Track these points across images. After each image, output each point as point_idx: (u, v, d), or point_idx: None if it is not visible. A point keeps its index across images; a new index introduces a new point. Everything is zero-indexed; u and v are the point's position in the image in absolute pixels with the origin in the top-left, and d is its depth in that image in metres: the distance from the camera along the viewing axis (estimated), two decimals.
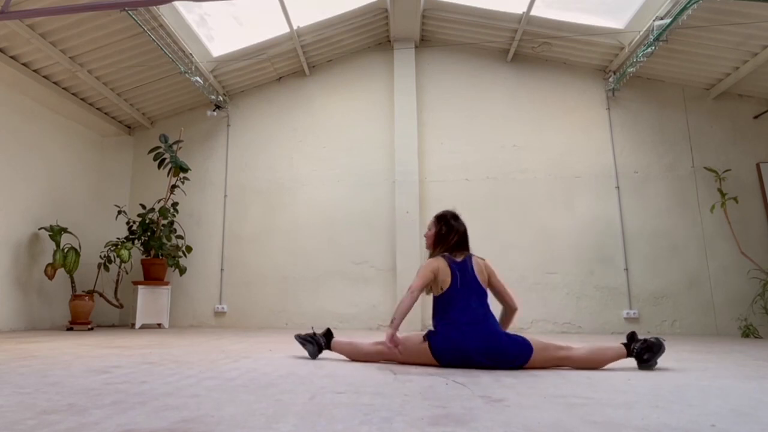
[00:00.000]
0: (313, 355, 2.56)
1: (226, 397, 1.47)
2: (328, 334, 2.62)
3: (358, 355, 2.50)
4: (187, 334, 4.40)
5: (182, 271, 5.66)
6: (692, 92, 5.65)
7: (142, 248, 5.55)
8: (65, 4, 3.59)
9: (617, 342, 2.30)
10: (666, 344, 2.25)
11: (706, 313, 5.11)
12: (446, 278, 2.37)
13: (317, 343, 2.56)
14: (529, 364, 2.19)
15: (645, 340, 2.22)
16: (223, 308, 5.84)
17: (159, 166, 5.71)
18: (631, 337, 2.27)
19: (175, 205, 5.80)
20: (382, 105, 6.11)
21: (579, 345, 2.32)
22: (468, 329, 2.24)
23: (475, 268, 2.42)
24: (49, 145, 5.53)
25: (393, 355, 2.35)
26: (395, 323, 2.25)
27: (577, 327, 5.26)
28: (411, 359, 2.34)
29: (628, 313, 5.20)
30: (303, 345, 2.58)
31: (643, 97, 5.73)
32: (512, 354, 2.18)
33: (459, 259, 2.45)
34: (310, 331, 2.65)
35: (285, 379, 1.83)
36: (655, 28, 4.71)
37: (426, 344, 2.29)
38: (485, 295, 2.40)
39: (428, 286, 2.42)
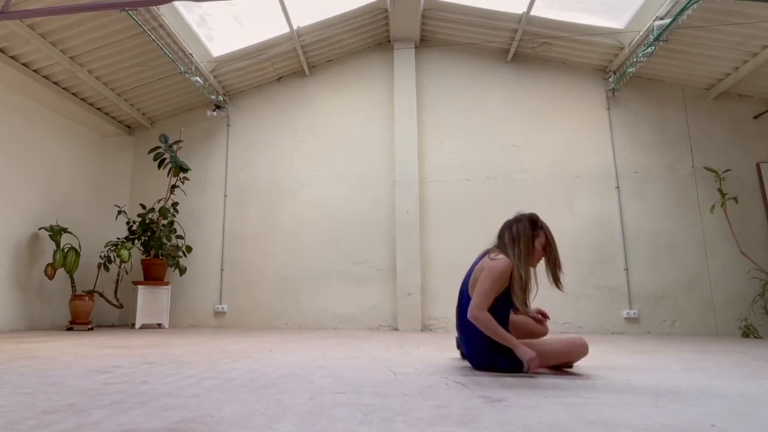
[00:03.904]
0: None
1: (226, 397, 1.47)
2: None
3: None
4: (187, 334, 4.40)
5: (182, 271, 5.66)
6: (692, 92, 5.65)
7: (142, 248, 5.55)
8: (65, 4, 3.59)
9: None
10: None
11: (706, 313, 5.11)
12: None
13: None
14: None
15: None
16: (223, 308, 5.84)
17: (159, 166, 5.71)
18: None
19: (175, 205, 5.79)
20: (382, 105, 6.11)
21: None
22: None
23: (475, 269, 2.17)
24: (49, 145, 5.53)
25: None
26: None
27: (576, 327, 5.25)
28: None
29: (628, 313, 5.20)
30: None
31: (643, 97, 5.73)
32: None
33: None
34: None
35: (285, 379, 1.83)
36: (655, 28, 4.71)
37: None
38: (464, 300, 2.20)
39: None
